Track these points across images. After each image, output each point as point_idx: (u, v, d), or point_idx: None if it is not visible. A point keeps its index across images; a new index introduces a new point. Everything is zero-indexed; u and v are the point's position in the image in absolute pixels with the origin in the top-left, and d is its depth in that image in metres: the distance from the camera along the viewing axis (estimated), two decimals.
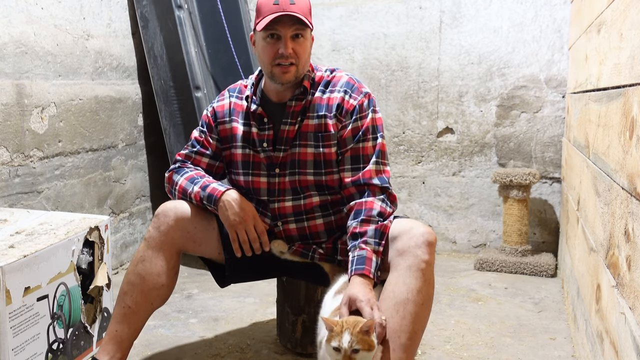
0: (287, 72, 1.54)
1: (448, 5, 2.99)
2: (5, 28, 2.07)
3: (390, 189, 1.58)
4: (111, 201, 2.72)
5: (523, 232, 2.77)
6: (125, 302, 1.60)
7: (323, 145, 1.60)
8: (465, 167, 3.06)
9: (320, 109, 1.61)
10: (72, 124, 2.42)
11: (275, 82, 1.58)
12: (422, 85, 3.08)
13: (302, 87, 1.60)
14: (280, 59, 1.52)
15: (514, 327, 2.14)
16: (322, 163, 1.61)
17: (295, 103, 1.61)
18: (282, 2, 1.49)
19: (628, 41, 1.19)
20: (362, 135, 1.58)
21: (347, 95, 1.60)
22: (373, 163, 1.57)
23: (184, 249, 1.65)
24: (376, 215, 1.51)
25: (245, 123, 1.67)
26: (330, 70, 1.67)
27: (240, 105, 1.69)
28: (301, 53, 1.54)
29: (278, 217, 1.67)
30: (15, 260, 1.45)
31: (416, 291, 1.41)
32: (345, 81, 1.63)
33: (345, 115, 1.59)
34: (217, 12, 2.86)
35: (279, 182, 1.64)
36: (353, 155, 1.59)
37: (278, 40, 1.52)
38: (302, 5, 1.52)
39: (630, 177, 1.10)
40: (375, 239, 1.48)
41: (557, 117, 2.89)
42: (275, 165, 1.63)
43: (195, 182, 1.64)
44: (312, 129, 1.61)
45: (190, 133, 2.71)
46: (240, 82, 1.75)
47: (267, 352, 1.92)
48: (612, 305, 1.22)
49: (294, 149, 1.62)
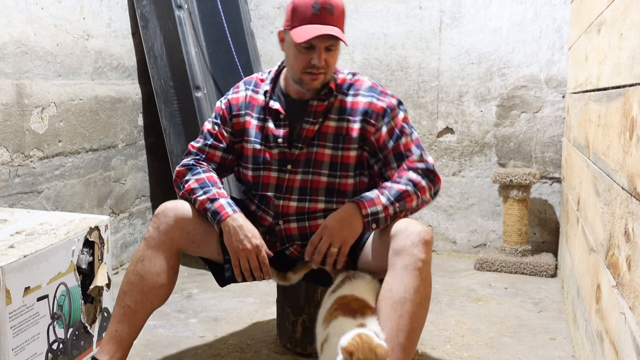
0: (316, 80, 1.55)
1: (448, 5, 2.99)
2: (5, 28, 2.07)
3: (435, 171, 1.59)
4: (111, 201, 2.72)
5: (523, 232, 2.77)
6: (125, 302, 1.60)
7: (342, 147, 1.61)
8: (465, 167, 3.06)
9: (344, 111, 1.61)
10: (72, 124, 2.42)
11: (301, 87, 1.59)
12: (422, 85, 3.08)
13: (328, 88, 1.61)
14: (311, 68, 1.53)
15: (514, 327, 2.14)
16: (338, 165, 1.62)
17: (317, 103, 1.61)
18: (322, 12, 1.48)
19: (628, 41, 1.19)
20: (400, 132, 1.60)
21: (374, 99, 1.61)
22: (416, 155, 1.60)
23: (183, 249, 1.65)
24: (406, 179, 1.55)
25: (260, 117, 1.66)
26: (352, 74, 1.67)
27: (256, 99, 1.68)
28: (332, 63, 1.56)
29: (280, 216, 1.66)
30: (15, 260, 1.45)
31: (413, 290, 1.41)
32: (369, 86, 1.64)
33: (376, 118, 1.60)
34: (217, 12, 2.86)
35: (289, 179, 1.64)
36: (395, 153, 1.60)
37: (311, 50, 1.52)
38: (339, 15, 1.51)
39: (630, 177, 1.10)
40: (391, 196, 1.51)
41: (557, 117, 2.89)
42: (288, 162, 1.63)
43: (204, 188, 1.61)
44: (332, 130, 1.61)
45: (190, 133, 2.72)
46: (256, 76, 1.74)
47: (267, 352, 1.92)
48: (612, 305, 1.22)
49: (311, 148, 1.62)
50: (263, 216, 1.70)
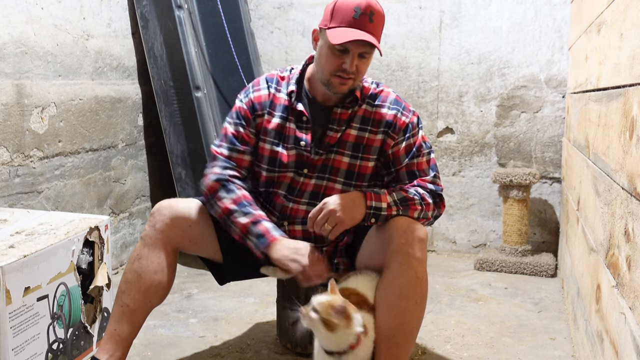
0: (344, 85, 1.53)
1: (448, 5, 2.99)
2: (5, 28, 2.07)
3: (442, 196, 1.60)
4: (111, 201, 2.72)
5: (523, 232, 2.77)
6: (123, 301, 1.59)
7: (361, 157, 1.60)
8: (465, 167, 3.06)
9: (367, 121, 1.60)
10: (72, 124, 2.42)
11: (328, 90, 1.56)
12: (422, 85, 3.08)
13: (353, 96, 1.59)
14: (342, 72, 1.50)
15: (514, 327, 2.14)
16: (354, 174, 1.61)
17: (341, 110, 1.59)
18: (362, 18, 1.46)
19: (628, 41, 1.19)
20: (417, 151, 1.60)
21: (398, 112, 1.60)
22: (430, 176, 1.60)
23: (180, 248, 1.64)
24: (415, 191, 1.54)
25: (282, 117, 1.62)
26: (376, 84, 1.66)
27: (279, 98, 1.64)
28: (362, 70, 1.53)
29: (286, 217, 1.66)
30: (15, 260, 1.45)
31: (409, 289, 1.42)
32: (394, 98, 1.63)
33: (398, 132, 1.59)
34: (217, 12, 2.86)
35: (303, 183, 1.63)
36: (408, 171, 1.60)
37: (344, 54, 1.50)
38: (378, 23, 1.50)
39: (630, 177, 1.10)
40: (397, 199, 1.51)
41: (557, 117, 2.89)
42: (306, 166, 1.61)
43: (244, 209, 1.55)
44: (352, 139, 1.60)
45: (190, 133, 2.72)
46: (276, 73, 1.69)
47: (267, 352, 1.92)
48: (612, 305, 1.22)
49: (329, 155, 1.61)
50: (268, 216, 1.69)
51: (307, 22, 3.22)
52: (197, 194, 2.70)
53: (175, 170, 2.78)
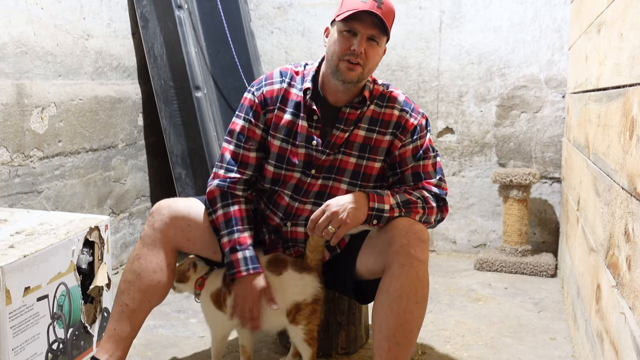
0: (352, 70, 1.50)
1: (448, 5, 2.99)
2: (5, 28, 2.07)
3: (446, 200, 1.61)
4: (111, 201, 2.72)
5: (523, 232, 2.77)
6: (123, 301, 1.59)
7: (368, 157, 1.60)
8: (465, 167, 3.06)
9: (375, 122, 1.60)
10: (72, 124, 2.42)
11: (336, 78, 1.53)
12: (422, 85, 3.08)
13: (362, 96, 1.59)
14: (350, 55, 1.49)
15: (514, 327, 2.14)
16: (360, 175, 1.61)
17: (350, 110, 1.59)
18: (370, 2, 1.46)
19: (628, 41, 1.19)
20: (423, 153, 1.60)
21: (407, 114, 1.60)
22: (436, 179, 1.60)
23: (178, 247, 1.64)
24: (418, 194, 1.55)
25: (294, 113, 1.61)
26: (386, 85, 1.66)
27: (291, 94, 1.62)
28: (371, 57, 1.52)
29: (290, 217, 1.65)
30: (15, 260, 1.45)
31: (410, 289, 1.42)
32: (403, 100, 1.63)
33: (405, 134, 1.59)
34: (217, 12, 2.86)
35: (310, 183, 1.62)
36: (414, 172, 1.60)
37: (353, 37, 1.49)
38: (387, 11, 1.49)
39: (630, 177, 1.10)
40: (400, 201, 1.51)
41: (557, 117, 2.89)
42: (313, 166, 1.61)
43: (230, 228, 1.58)
44: (360, 139, 1.60)
45: (190, 133, 2.72)
46: (290, 67, 1.67)
47: (267, 352, 1.92)
48: (612, 305, 1.22)
49: (337, 155, 1.60)
50: (270, 215, 1.69)
51: (307, 22, 3.22)
52: (196, 193, 2.70)
53: (175, 170, 2.78)
